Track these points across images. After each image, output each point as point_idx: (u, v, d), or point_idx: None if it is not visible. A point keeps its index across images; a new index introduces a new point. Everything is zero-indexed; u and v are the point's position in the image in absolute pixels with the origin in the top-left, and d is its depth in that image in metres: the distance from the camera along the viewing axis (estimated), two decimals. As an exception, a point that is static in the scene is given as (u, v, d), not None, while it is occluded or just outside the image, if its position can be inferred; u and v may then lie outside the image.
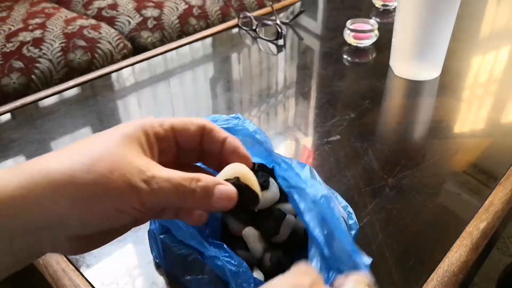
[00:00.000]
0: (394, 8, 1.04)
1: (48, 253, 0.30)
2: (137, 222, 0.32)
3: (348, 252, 0.34)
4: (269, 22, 1.02)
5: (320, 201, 0.37)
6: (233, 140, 0.34)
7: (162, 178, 0.28)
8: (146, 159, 0.30)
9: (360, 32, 0.96)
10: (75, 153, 0.28)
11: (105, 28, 1.25)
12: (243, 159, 0.34)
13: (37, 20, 1.24)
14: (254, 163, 0.49)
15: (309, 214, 0.37)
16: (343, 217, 0.41)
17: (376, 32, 0.96)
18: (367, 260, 0.34)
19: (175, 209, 0.33)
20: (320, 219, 0.36)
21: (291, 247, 0.43)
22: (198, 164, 0.37)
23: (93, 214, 0.27)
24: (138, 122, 0.31)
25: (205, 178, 0.30)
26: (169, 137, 0.32)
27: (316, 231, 0.35)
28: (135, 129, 0.30)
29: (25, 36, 1.16)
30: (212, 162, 0.35)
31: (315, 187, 0.38)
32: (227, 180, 0.32)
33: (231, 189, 0.31)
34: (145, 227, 0.48)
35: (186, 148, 0.34)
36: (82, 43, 1.18)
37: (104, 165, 0.27)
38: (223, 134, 0.34)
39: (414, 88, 0.84)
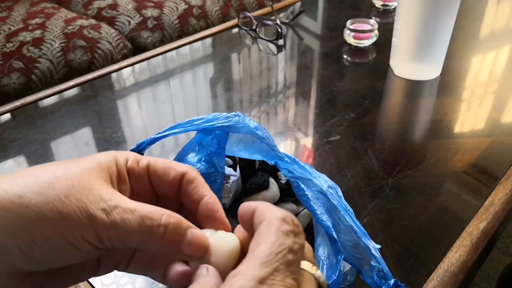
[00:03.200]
0: (394, 8, 1.05)
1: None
2: (89, 269, 0.27)
3: (359, 236, 0.35)
4: (269, 22, 1.02)
5: (328, 190, 0.37)
6: (212, 201, 0.28)
7: (126, 209, 0.24)
8: (112, 189, 0.25)
9: (360, 32, 0.96)
10: (33, 175, 0.24)
11: (105, 28, 1.25)
12: (219, 226, 0.27)
13: (37, 20, 1.24)
14: (255, 161, 0.50)
15: (316, 202, 0.37)
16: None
17: (376, 32, 0.96)
18: (376, 245, 0.35)
19: (144, 259, 0.28)
20: (328, 207, 0.37)
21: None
22: None
23: (36, 242, 0.23)
24: (113, 152, 0.28)
25: (178, 216, 0.25)
26: (143, 177, 0.28)
27: (324, 217, 0.36)
28: (107, 158, 0.27)
29: (25, 36, 1.16)
30: (192, 220, 0.28)
31: (322, 177, 0.39)
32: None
33: (204, 236, 0.26)
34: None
35: (162, 196, 0.29)
36: (82, 43, 1.18)
37: (60, 188, 0.23)
38: (203, 190, 0.28)
39: (414, 88, 0.84)
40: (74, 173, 0.25)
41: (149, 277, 0.29)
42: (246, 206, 0.25)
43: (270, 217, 0.23)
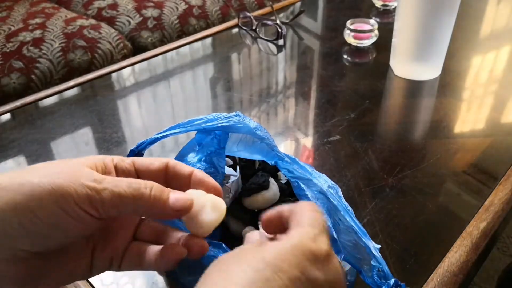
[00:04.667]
0: (394, 8, 1.05)
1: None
2: (82, 266, 0.30)
3: (359, 237, 0.35)
4: (269, 22, 1.02)
5: (328, 190, 0.37)
6: (199, 173, 0.33)
7: (115, 179, 0.28)
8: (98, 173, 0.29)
9: (360, 32, 0.96)
10: (29, 167, 0.28)
11: (105, 28, 1.25)
12: (211, 190, 0.32)
13: (37, 20, 1.24)
14: (255, 161, 0.50)
15: (316, 202, 0.37)
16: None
17: (376, 32, 0.96)
18: (376, 245, 0.35)
19: (137, 251, 0.31)
20: (328, 208, 0.37)
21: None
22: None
23: (35, 213, 0.25)
24: (100, 155, 0.31)
25: (158, 184, 0.30)
26: (131, 171, 0.32)
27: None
28: (94, 156, 0.30)
29: (25, 36, 1.16)
30: None
31: (322, 178, 0.39)
32: None
33: (187, 195, 0.30)
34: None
35: None
36: (82, 43, 1.18)
37: (54, 169, 0.27)
38: (188, 168, 0.33)
39: (414, 88, 0.84)
40: (67, 161, 0.28)
41: (143, 269, 0.32)
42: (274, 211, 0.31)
43: (302, 203, 0.30)
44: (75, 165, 0.28)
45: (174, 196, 0.29)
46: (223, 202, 0.32)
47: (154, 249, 0.31)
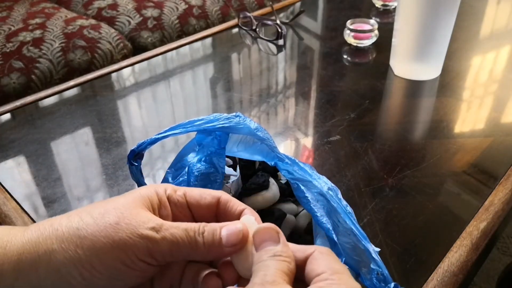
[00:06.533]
0: (394, 8, 1.05)
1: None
2: None
3: (358, 239, 0.35)
4: (269, 22, 1.02)
5: (328, 193, 0.37)
6: (251, 213, 0.32)
7: (171, 225, 0.28)
8: (154, 215, 0.29)
9: (360, 32, 0.96)
10: (85, 211, 0.28)
11: (105, 28, 1.25)
12: None
13: (37, 20, 1.24)
14: (255, 161, 0.50)
15: (316, 204, 0.37)
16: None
17: (376, 32, 0.96)
18: (376, 248, 0.35)
19: (192, 274, 0.31)
20: (328, 210, 0.37)
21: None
22: None
23: (95, 267, 0.26)
24: (153, 185, 0.31)
25: (211, 223, 0.29)
26: (182, 203, 0.31)
27: (324, 219, 0.36)
28: (147, 190, 0.30)
29: (25, 36, 1.16)
30: None
31: (322, 179, 0.39)
32: None
33: (238, 226, 0.29)
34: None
35: (200, 220, 0.32)
36: (82, 43, 1.18)
37: (110, 217, 0.27)
38: (241, 206, 0.32)
39: (414, 88, 0.84)
40: (121, 204, 0.28)
41: None
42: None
43: (318, 247, 0.28)
44: (130, 209, 0.28)
45: (226, 233, 0.28)
46: None
47: (206, 272, 0.31)
